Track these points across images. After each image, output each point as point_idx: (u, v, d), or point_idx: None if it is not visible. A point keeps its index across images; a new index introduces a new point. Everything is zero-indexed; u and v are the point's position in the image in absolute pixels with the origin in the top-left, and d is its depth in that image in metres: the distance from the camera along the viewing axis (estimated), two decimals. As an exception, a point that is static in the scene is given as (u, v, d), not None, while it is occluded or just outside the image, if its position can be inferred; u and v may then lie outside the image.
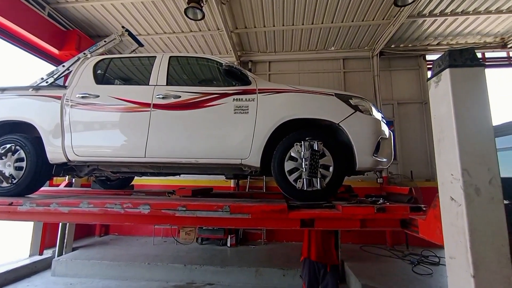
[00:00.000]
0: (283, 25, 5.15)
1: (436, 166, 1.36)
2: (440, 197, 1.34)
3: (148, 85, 2.55)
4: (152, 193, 3.43)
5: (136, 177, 3.87)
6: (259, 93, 2.37)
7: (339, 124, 2.18)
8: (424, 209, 1.71)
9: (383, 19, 4.90)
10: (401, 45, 5.91)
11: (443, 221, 1.31)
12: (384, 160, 2.25)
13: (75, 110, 2.50)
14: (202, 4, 4.19)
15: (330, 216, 1.78)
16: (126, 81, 2.80)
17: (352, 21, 4.97)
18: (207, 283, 3.96)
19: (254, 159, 2.24)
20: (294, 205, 1.94)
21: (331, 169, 2.13)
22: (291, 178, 2.14)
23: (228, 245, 5.18)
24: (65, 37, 4.89)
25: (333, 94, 2.32)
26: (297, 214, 1.81)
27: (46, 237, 4.83)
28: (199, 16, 4.34)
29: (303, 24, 5.11)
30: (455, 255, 1.23)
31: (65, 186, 4.60)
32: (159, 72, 2.59)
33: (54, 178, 4.97)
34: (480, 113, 1.22)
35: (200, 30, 5.37)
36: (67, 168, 2.68)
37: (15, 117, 2.58)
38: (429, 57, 6.06)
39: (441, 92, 1.33)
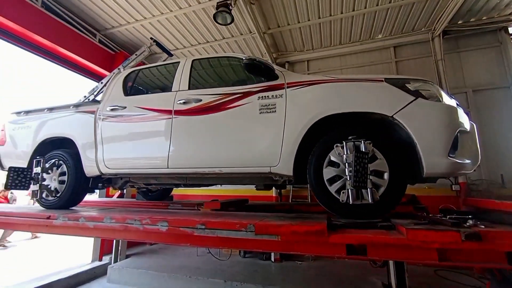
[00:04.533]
0: (319, 18, 4.69)
1: None
2: None
3: (171, 91, 2.42)
4: (187, 205, 3.31)
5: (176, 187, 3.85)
6: (288, 87, 2.00)
7: (394, 116, 1.66)
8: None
9: (445, -11, 4.03)
10: (472, 19, 4.79)
11: None
12: (467, 161, 1.62)
13: (105, 123, 2.52)
14: (230, 7, 4.06)
15: (388, 242, 1.28)
16: (153, 90, 2.75)
17: (403, -1, 4.22)
18: (247, 303, 3.63)
19: (285, 167, 1.85)
20: (336, 224, 1.49)
21: (386, 176, 1.61)
22: (332, 188, 1.69)
23: (272, 259, 4.78)
24: (113, 59, 5.34)
25: (383, 79, 1.80)
26: (341, 237, 1.36)
27: (105, 244, 5.20)
28: (229, 20, 4.21)
29: (342, 13, 4.55)
30: None
31: (117, 197, 4.91)
32: (181, 77, 2.46)
33: (110, 189, 5.38)
34: None
35: (233, 36, 5.28)
36: (104, 180, 2.72)
37: (59, 134, 2.74)
38: (513, 29, 4.79)
39: None
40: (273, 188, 5.04)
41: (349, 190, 1.60)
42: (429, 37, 4.97)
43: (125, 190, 4.97)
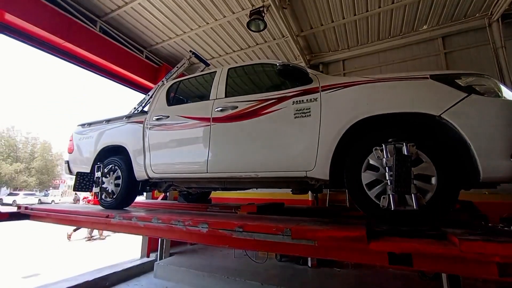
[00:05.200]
0: (355, 14, 4.51)
1: None
2: None
3: (209, 99, 2.57)
4: (225, 208, 3.45)
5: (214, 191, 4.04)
6: (322, 91, 1.98)
7: (441, 116, 1.53)
8: None
9: (502, -31, 3.57)
10: (540, -2, 4.14)
11: None
12: (535, 164, 1.41)
13: (151, 132, 2.78)
14: (263, 14, 4.15)
15: (437, 252, 1.18)
16: (192, 99, 2.95)
17: (452, -16, 3.84)
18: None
19: (321, 171, 1.83)
20: (378, 231, 1.42)
21: (433, 180, 1.49)
22: (372, 193, 1.62)
23: (309, 265, 4.68)
24: (157, 72, 5.83)
25: (428, 76, 1.68)
26: (383, 245, 1.29)
27: (152, 242, 5.66)
28: (262, 27, 4.31)
29: (379, 7, 4.32)
30: None
31: (161, 199, 5.32)
32: (218, 86, 2.59)
33: (155, 192, 5.86)
34: None
35: (266, 41, 5.37)
36: (151, 184, 2.99)
37: (114, 142, 3.10)
38: None
39: None
40: (309, 192, 4.97)
41: (390, 195, 1.51)
42: (486, 23, 4.42)
43: (168, 193, 5.37)
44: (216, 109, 2.41)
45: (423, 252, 1.22)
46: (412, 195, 1.46)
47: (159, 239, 5.37)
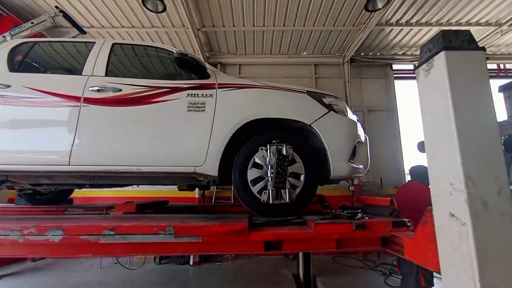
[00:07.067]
0: (254, 26, 4.90)
1: (429, 174, 1.09)
2: (435, 213, 1.06)
3: (81, 75, 2.04)
4: (93, 209, 2.83)
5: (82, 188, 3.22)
6: (219, 88, 2.00)
7: (311, 125, 1.88)
8: (408, 224, 1.45)
9: (353, 25, 4.88)
10: (370, 53, 5.99)
11: (440, 244, 1.03)
12: (361, 166, 1.99)
13: (-28, 103, 1.90)
14: (163, -6, 3.77)
15: (300, 236, 1.43)
16: (54, 70, 2.26)
17: (324, 25, 4.88)
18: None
19: (210, 167, 1.83)
20: (257, 223, 1.57)
21: (302, 178, 1.80)
22: (255, 189, 1.77)
23: (191, 263, 4.61)
24: (-4, 23, 4.10)
25: (305, 91, 2.03)
26: (260, 235, 1.44)
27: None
28: (160, 8, 3.90)
29: (274, 26, 4.90)
30: (458, 290, 0.94)
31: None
32: (96, 61, 2.11)
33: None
34: (483, 108, 0.97)
35: (164, 26, 4.90)
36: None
37: None
38: (395, 66, 6.22)
39: (433, 81, 1.06)
40: (197, 189, 4.92)
41: (270, 190, 1.71)
42: (341, 61, 5.92)
43: None
44: (90, 88, 1.94)
45: (291, 237, 1.45)
46: (286, 190, 1.71)
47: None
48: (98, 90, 1.94)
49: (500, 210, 0.91)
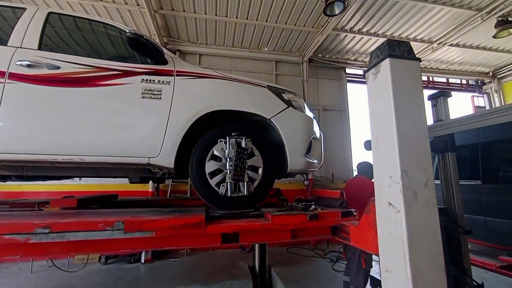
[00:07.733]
0: (216, 15, 4.75)
1: (373, 168, 1.21)
2: (376, 203, 1.19)
3: (6, 46, 1.72)
4: (22, 205, 2.44)
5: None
6: (177, 75, 1.89)
7: (271, 119, 1.92)
8: (355, 214, 1.59)
9: (313, 27, 5.11)
10: (327, 56, 6.36)
11: (379, 230, 1.16)
12: (315, 161, 2.11)
13: None
14: (114, -34, 3.37)
15: (257, 228, 1.47)
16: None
17: (285, 23, 4.99)
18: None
19: (166, 158, 1.73)
20: (214, 216, 1.55)
21: (260, 171, 1.83)
22: (213, 182, 1.74)
23: (142, 261, 4.36)
24: None
25: (265, 86, 2.05)
26: (217, 227, 1.42)
27: None
28: (111, -19, 3.49)
29: (237, 18, 4.83)
30: (392, 269, 1.08)
31: None
32: (27, 30, 1.79)
33: None
34: (417, 110, 1.12)
35: (114, 2, 4.41)
36: None
37: None
38: (348, 70, 6.73)
39: (380, 85, 1.18)
40: (150, 182, 4.64)
41: (228, 183, 1.70)
42: (300, 60, 6.15)
43: None
44: (18, 62, 1.65)
45: (248, 229, 1.47)
46: (245, 183, 1.73)
47: None
48: (28, 66, 1.66)
49: (426, 199, 1.06)
